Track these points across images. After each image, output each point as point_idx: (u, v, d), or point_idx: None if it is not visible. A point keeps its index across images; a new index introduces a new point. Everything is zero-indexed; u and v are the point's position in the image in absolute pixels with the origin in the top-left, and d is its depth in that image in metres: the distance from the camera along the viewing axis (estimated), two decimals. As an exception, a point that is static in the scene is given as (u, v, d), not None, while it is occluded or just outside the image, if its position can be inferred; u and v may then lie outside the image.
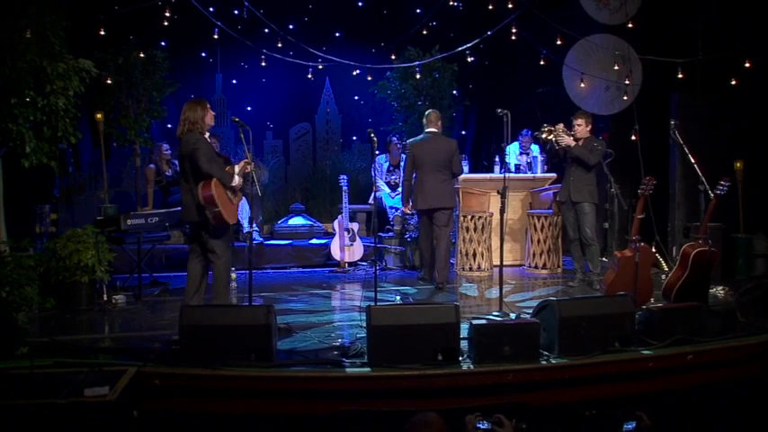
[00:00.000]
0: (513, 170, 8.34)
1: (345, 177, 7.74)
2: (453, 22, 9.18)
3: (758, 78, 7.47)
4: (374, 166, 8.02)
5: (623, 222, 7.61)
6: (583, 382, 4.34)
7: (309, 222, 8.57)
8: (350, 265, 7.68)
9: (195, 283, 5.18)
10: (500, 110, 5.33)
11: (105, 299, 5.83)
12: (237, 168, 5.28)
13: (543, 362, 4.30)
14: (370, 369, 4.17)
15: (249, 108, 9.62)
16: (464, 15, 9.08)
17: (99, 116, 7.15)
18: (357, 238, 7.72)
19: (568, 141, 6.48)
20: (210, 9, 7.79)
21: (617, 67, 7.62)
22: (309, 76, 8.21)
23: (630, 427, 3.07)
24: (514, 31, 7.77)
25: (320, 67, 8.18)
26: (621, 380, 4.44)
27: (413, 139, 7.01)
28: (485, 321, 4.46)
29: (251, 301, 5.10)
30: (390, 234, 7.94)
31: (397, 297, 6.31)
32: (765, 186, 7.42)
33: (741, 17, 7.69)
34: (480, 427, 3.12)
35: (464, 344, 4.44)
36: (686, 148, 5.97)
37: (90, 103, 7.44)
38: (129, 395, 3.81)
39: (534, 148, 8.60)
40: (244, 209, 7.18)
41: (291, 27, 8.79)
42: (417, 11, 9.22)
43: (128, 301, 6.04)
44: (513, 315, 5.31)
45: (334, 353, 4.48)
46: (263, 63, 8.06)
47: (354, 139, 10.06)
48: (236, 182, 5.16)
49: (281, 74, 9.13)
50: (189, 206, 5.01)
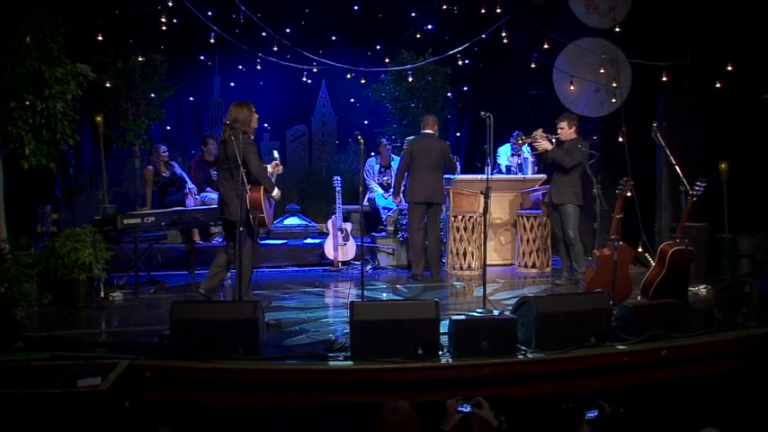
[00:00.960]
0: (505, 171, 8.52)
1: (339, 178, 7.91)
2: (447, 26, 9.35)
3: (743, 80, 7.63)
4: (366, 168, 8.20)
5: (608, 222, 7.77)
6: (559, 375, 4.49)
7: (305, 222, 8.75)
8: (343, 264, 7.84)
9: (221, 269, 5.89)
10: (483, 113, 5.50)
11: (102, 296, 6.02)
12: (270, 168, 5.75)
13: (520, 356, 4.46)
14: (352, 362, 4.33)
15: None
16: (458, 19, 9.24)
17: (99, 118, 7.32)
18: (350, 238, 7.89)
19: (545, 145, 6.66)
20: (209, 13, 7.99)
21: (603, 71, 7.77)
22: (304, 79, 8.39)
23: (593, 415, 3.24)
24: (504, 35, 7.93)
25: (315, 70, 8.35)
26: (597, 374, 4.58)
27: (411, 137, 7.48)
28: (464, 317, 4.61)
29: (241, 298, 5.27)
30: (383, 234, 8.12)
31: (384, 295, 6.48)
32: (750, 187, 7.57)
33: (726, 21, 7.84)
34: (461, 409, 3.31)
35: (445, 339, 4.62)
36: (668, 150, 6.11)
37: (90, 105, 7.62)
38: (121, 386, 3.99)
39: (525, 150, 8.74)
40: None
41: (288, 31, 8.95)
42: (412, 14, 9.39)
43: (125, 298, 6.23)
44: (497, 312, 5.49)
45: (321, 347, 4.65)
46: (258, 67, 8.23)
47: (350, 140, 10.22)
48: (276, 193, 5.65)
49: (277, 77, 9.30)
50: (231, 204, 5.42)
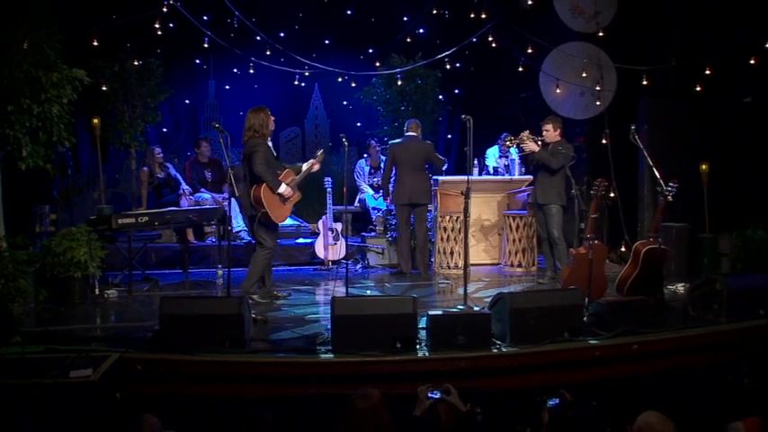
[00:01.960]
0: (492, 172, 8.72)
1: (330, 179, 8.10)
2: (438, 31, 9.53)
3: (726, 84, 7.83)
4: (356, 170, 8.40)
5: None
6: (532, 369, 4.68)
7: (297, 222, 8.94)
8: (333, 263, 8.04)
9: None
10: (464, 116, 5.70)
11: (97, 293, 6.23)
12: (305, 166, 6.26)
13: (495, 350, 4.66)
14: (333, 355, 4.53)
15: (242, 113, 9.87)
16: (448, 23, 9.42)
17: (96, 121, 7.51)
18: (340, 238, 8.08)
19: (532, 147, 6.84)
20: (204, 18, 8.19)
21: (585, 75, 7.95)
22: (296, 82, 8.60)
23: (554, 403, 3.43)
24: (491, 39, 8.13)
25: (307, 74, 8.55)
26: (570, 367, 4.77)
27: (394, 141, 7.64)
28: (440, 312, 4.81)
29: (229, 295, 5.46)
30: (373, 234, 8.32)
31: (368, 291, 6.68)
32: (730, 187, 7.75)
33: (709, 26, 8.03)
34: (431, 396, 3.51)
35: (424, 334, 4.81)
36: (646, 152, 6.29)
37: (88, 108, 7.81)
38: (112, 378, 4.19)
39: (513, 152, 8.93)
40: (234, 209, 7.58)
41: (282, 35, 9.13)
42: (404, 19, 9.57)
43: (119, 296, 6.43)
44: (477, 308, 5.67)
45: (304, 341, 4.85)
46: (251, 71, 8.43)
47: (343, 142, 10.38)
48: (281, 189, 5.95)
49: (271, 80, 9.46)
50: (244, 201, 6.05)
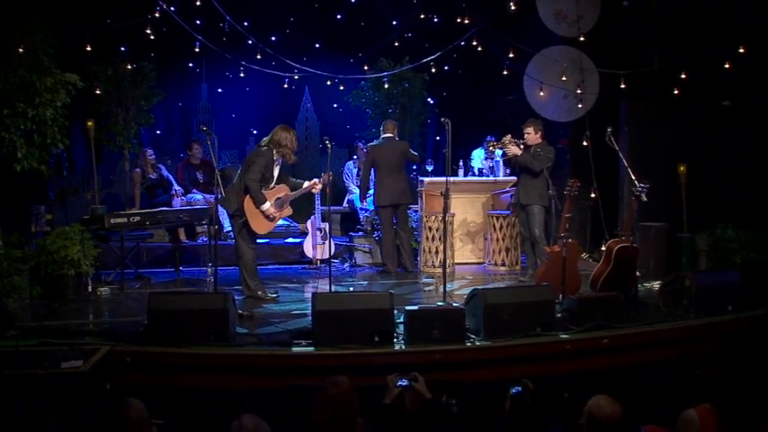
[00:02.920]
0: (477, 174, 8.93)
1: (318, 180, 8.28)
2: (427, 35, 9.73)
3: (705, 87, 8.06)
4: (345, 171, 8.61)
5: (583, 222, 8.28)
6: (504, 362, 4.89)
7: (286, 223, 9.13)
8: (321, 262, 8.24)
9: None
10: (443, 119, 5.92)
11: (90, 290, 6.43)
12: (307, 184, 6.53)
13: (468, 343, 4.87)
14: (314, 349, 4.74)
15: (234, 115, 10.22)
16: (437, 27, 9.63)
17: (90, 124, 7.70)
18: (329, 237, 8.27)
19: (515, 151, 7.04)
20: (197, 22, 8.40)
21: (564, 78, 8.17)
22: (285, 85, 8.82)
23: (516, 390, 3.62)
24: (475, 43, 8.35)
25: (296, 77, 8.77)
26: (541, 360, 4.98)
27: (372, 143, 7.88)
28: (416, 308, 5.02)
29: (216, 291, 5.66)
30: (360, 234, 8.53)
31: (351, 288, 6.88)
32: (707, 188, 7.97)
33: (686, 32, 8.26)
34: (400, 383, 3.71)
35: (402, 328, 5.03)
36: (621, 154, 6.51)
37: (83, 111, 8.03)
38: (102, 369, 4.40)
39: (498, 154, 9.13)
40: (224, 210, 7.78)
41: (274, 39, 9.34)
42: (393, 23, 9.79)
43: (112, 293, 6.63)
44: (457, 304, 5.88)
45: (287, 336, 5.05)
46: (241, 74, 8.65)
47: (333, 144, 10.59)
48: (264, 207, 6.13)
49: (263, 83, 9.69)
50: (230, 198, 6.17)
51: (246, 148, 10.38)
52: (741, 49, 7.33)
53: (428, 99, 9.86)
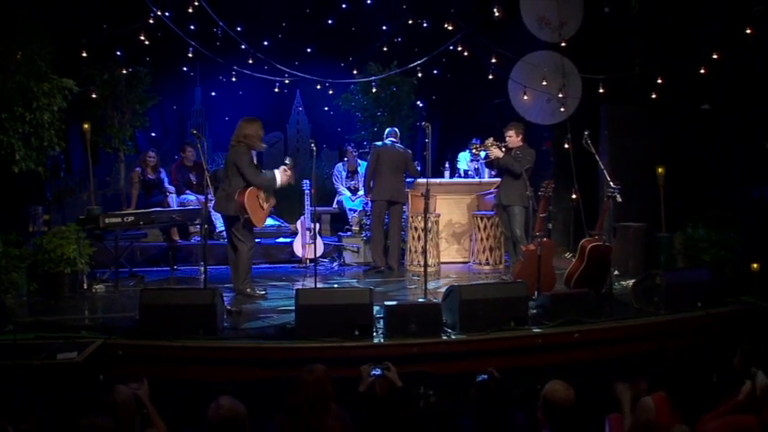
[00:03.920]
0: (463, 175, 9.18)
1: (308, 182, 8.53)
2: (415, 39, 9.96)
3: (678, 92, 8.32)
4: (334, 173, 8.86)
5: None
6: (479, 355, 5.12)
7: (278, 223, 9.39)
8: (311, 260, 8.46)
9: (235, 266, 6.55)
10: (423, 123, 6.17)
11: (85, 287, 6.68)
12: (277, 173, 6.56)
13: (444, 337, 5.11)
14: (297, 342, 4.99)
15: (227, 118, 10.39)
16: (425, 32, 9.87)
17: (86, 126, 7.95)
18: (318, 237, 8.51)
19: (497, 153, 7.28)
20: (191, 27, 8.64)
21: (545, 83, 8.42)
22: (276, 89, 9.06)
23: (481, 378, 3.87)
24: (460, 48, 8.60)
25: (287, 81, 9.01)
26: (514, 354, 5.23)
27: (377, 143, 8.13)
28: (395, 303, 5.27)
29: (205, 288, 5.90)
30: (349, 233, 8.77)
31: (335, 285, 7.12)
32: (685, 189, 8.23)
33: (666, 38, 8.53)
34: (374, 373, 3.95)
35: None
36: (597, 156, 6.76)
37: (80, 114, 8.26)
38: (96, 361, 4.65)
39: (482, 155, 9.38)
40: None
41: (266, 44, 9.60)
42: (383, 28, 10.04)
43: (106, 290, 6.87)
44: (437, 301, 6.12)
45: (272, 330, 5.30)
46: (233, 78, 8.89)
47: (324, 146, 10.88)
48: (280, 181, 6.50)
49: (255, 87, 9.89)
50: (222, 202, 6.38)
51: (240, 149, 10.61)
52: (715, 56, 7.55)
53: (417, 102, 10.10)
